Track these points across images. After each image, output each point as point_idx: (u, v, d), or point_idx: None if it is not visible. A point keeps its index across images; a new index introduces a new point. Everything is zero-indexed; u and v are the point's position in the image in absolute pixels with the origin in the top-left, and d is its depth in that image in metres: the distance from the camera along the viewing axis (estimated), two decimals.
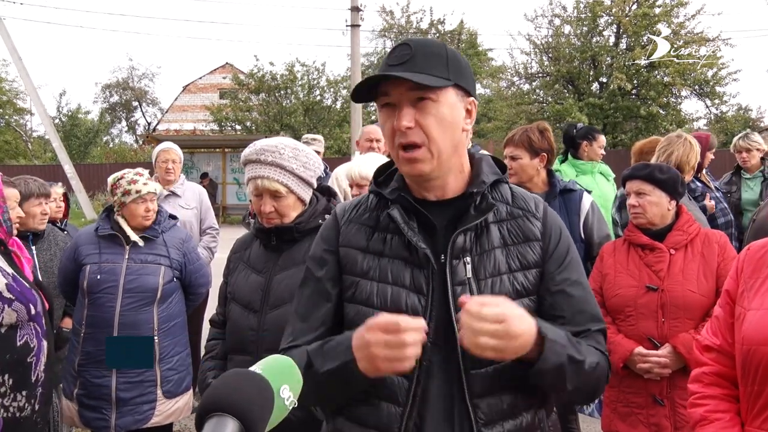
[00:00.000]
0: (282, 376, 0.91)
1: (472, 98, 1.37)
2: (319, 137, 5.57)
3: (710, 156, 4.48)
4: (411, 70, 1.27)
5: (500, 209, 1.39)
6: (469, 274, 1.32)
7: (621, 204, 3.54)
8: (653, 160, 3.43)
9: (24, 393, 2.09)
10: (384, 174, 1.49)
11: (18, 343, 2.08)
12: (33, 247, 3.50)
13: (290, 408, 0.91)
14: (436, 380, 1.31)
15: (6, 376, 2.04)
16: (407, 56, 1.29)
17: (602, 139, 4.65)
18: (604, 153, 4.64)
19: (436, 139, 1.30)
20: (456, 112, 1.33)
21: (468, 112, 1.37)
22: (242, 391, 0.84)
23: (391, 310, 1.32)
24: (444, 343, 1.31)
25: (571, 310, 1.37)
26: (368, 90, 1.34)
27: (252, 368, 0.90)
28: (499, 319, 1.17)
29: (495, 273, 1.34)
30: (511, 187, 1.46)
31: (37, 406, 2.17)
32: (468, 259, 1.33)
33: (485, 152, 5.58)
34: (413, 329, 1.19)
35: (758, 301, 1.49)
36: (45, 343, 2.21)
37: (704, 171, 4.70)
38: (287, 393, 0.90)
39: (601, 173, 4.56)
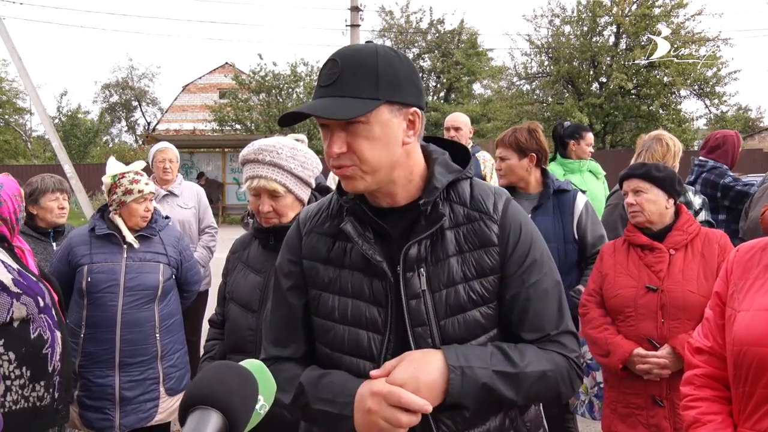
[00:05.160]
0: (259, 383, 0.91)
1: (413, 108, 1.29)
2: (302, 136, 5.51)
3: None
4: (337, 94, 1.23)
5: (457, 212, 1.35)
6: (424, 286, 1.30)
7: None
8: (632, 161, 3.39)
9: (42, 383, 2.17)
10: None
11: (32, 336, 2.13)
12: (53, 243, 3.50)
13: (263, 414, 0.91)
14: None
15: (24, 369, 2.10)
16: (335, 75, 1.24)
17: (589, 137, 4.46)
18: (592, 150, 4.46)
19: (368, 160, 1.25)
20: (390, 129, 1.26)
21: (411, 122, 1.29)
22: (224, 383, 0.84)
23: (352, 325, 1.33)
24: None
25: (530, 314, 1.34)
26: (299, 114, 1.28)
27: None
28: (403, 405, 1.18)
29: (450, 283, 1.30)
30: (472, 184, 1.40)
31: (56, 394, 2.24)
32: (423, 270, 1.30)
33: (485, 153, 5.47)
34: (413, 408, 1.18)
35: (748, 302, 1.49)
36: (58, 334, 2.26)
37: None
38: (261, 402, 0.90)
39: (590, 171, 4.43)
